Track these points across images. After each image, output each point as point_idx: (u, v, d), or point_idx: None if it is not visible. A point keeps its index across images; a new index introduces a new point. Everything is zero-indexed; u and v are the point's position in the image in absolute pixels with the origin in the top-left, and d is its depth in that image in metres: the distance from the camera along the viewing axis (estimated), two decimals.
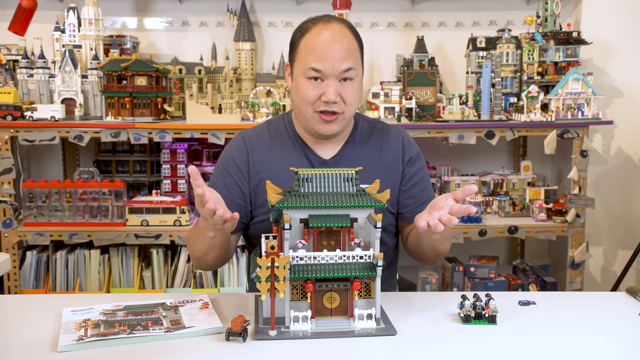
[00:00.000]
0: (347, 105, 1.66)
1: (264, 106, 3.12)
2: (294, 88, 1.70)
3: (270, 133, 1.81)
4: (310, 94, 1.65)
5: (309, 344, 1.32)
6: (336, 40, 1.64)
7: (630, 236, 3.53)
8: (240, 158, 1.77)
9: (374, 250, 1.38)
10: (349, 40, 1.67)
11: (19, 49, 3.26)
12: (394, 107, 3.13)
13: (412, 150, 1.84)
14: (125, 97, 3.04)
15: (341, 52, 1.63)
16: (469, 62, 3.40)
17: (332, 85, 1.63)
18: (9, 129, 2.96)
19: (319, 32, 1.65)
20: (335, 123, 1.67)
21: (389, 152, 1.80)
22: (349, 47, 1.65)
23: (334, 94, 1.63)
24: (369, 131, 1.83)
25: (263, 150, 1.77)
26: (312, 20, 1.71)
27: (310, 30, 1.68)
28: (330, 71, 1.63)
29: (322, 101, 1.64)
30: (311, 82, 1.65)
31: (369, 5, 3.49)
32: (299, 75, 1.67)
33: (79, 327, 1.38)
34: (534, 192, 3.26)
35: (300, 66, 1.67)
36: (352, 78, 1.66)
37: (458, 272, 3.22)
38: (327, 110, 1.65)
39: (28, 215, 3.06)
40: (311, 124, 1.69)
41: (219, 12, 3.49)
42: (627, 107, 3.50)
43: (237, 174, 1.76)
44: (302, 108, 1.68)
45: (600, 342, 1.36)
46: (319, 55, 1.63)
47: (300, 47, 1.68)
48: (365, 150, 1.79)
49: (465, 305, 1.45)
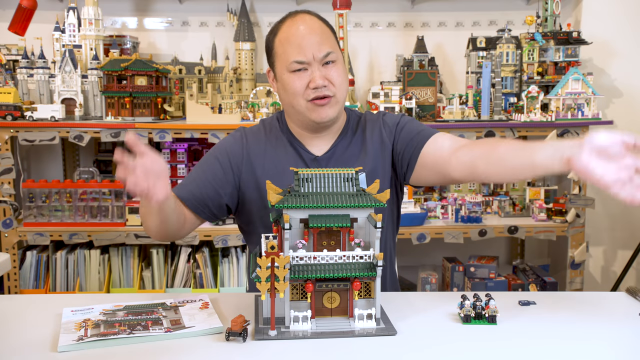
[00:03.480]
0: (336, 87, 1.68)
1: (264, 106, 3.12)
2: (281, 87, 1.72)
3: (266, 131, 1.82)
4: (297, 85, 1.66)
5: (309, 344, 1.32)
6: (309, 29, 1.67)
7: (630, 236, 3.53)
8: (233, 151, 1.77)
9: (374, 250, 1.38)
10: (321, 26, 1.70)
11: (19, 49, 3.26)
12: (394, 107, 3.13)
13: (392, 120, 1.81)
14: (125, 97, 3.04)
15: (317, 38, 1.66)
16: (469, 62, 3.40)
17: (317, 70, 1.65)
18: (9, 129, 2.96)
19: (290, 26, 1.69)
20: (329, 106, 1.68)
21: (374, 137, 1.79)
22: (322, 32, 1.69)
23: (321, 78, 1.65)
24: (356, 124, 1.83)
25: (259, 148, 1.77)
26: (280, 20, 1.74)
27: (281, 28, 1.71)
28: (312, 59, 1.65)
29: (311, 89, 1.65)
30: (296, 74, 1.67)
31: (369, 5, 3.49)
32: (282, 72, 1.69)
33: (79, 327, 1.38)
34: (534, 192, 3.26)
35: (281, 64, 1.69)
36: (333, 61, 1.68)
37: (458, 272, 3.22)
38: (318, 95, 1.66)
39: (28, 215, 3.06)
40: (307, 116, 1.69)
41: (219, 12, 3.49)
42: (627, 107, 3.50)
43: (226, 164, 1.75)
44: (294, 102, 1.69)
45: (600, 342, 1.36)
46: (296, 47, 1.65)
47: (276, 47, 1.71)
48: (353, 143, 1.79)
49: (465, 305, 1.45)
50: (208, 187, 1.73)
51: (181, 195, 1.72)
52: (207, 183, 1.73)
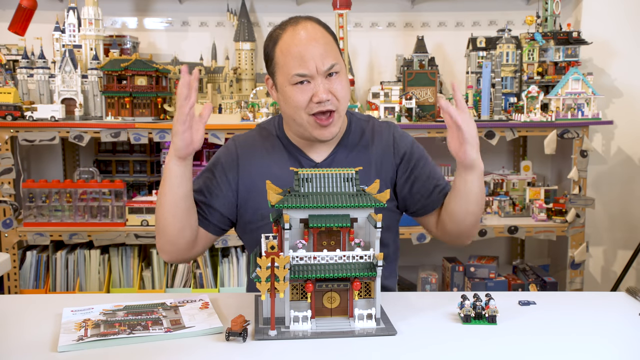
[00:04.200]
0: (339, 100, 1.63)
1: (264, 106, 3.12)
2: (282, 99, 1.66)
3: (262, 137, 1.78)
4: (300, 99, 1.61)
5: (309, 344, 1.32)
6: (312, 39, 1.60)
7: (630, 236, 3.53)
8: (228, 163, 1.74)
9: (374, 250, 1.38)
10: (324, 35, 1.63)
11: (19, 49, 3.26)
12: (394, 107, 3.13)
13: (404, 144, 1.78)
14: (125, 97, 3.04)
15: (320, 50, 1.59)
16: (469, 62, 3.40)
17: (321, 84, 1.60)
18: (9, 129, 2.96)
19: (292, 36, 1.62)
20: (332, 126, 1.64)
21: (380, 152, 1.76)
22: (325, 42, 1.62)
23: (325, 92, 1.59)
24: (361, 132, 1.79)
25: (254, 156, 1.74)
26: (279, 27, 1.67)
27: (282, 37, 1.64)
28: (315, 72, 1.59)
29: (314, 103, 1.60)
30: (298, 87, 1.61)
31: (369, 5, 3.49)
32: (284, 84, 1.63)
33: (79, 327, 1.38)
34: (534, 192, 3.26)
35: (282, 76, 1.63)
36: (337, 72, 1.63)
37: (458, 272, 3.22)
38: (321, 110, 1.61)
39: (28, 215, 3.06)
40: (308, 131, 1.65)
41: (219, 12, 3.49)
42: (627, 107, 3.50)
43: (222, 178, 1.73)
44: (295, 116, 1.64)
45: (600, 342, 1.36)
46: (299, 59, 1.59)
47: (277, 57, 1.64)
48: (356, 151, 1.76)
49: (465, 305, 1.45)
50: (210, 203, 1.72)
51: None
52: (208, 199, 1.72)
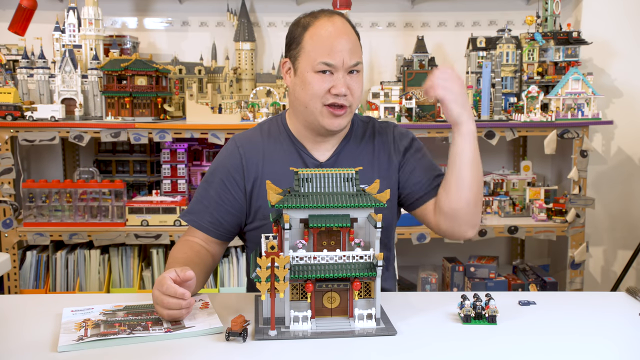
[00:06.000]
0: (354, 98, 1.67)
1: (264, 106, 3.12)
2: (299, 83, 1.68)
3: (263, 136, 1.79)
4: (320, 87, 1.64)
5: (309, 344, 1.32)
6: (343, 34, 1.65)
7: (630, 236, 3.53)
8: (233, 166, 1.74)
9: (374, 250, 1.38)
10: (353, 34, 1.69)
11: (19, 49, 3.26)
12: (394, 107, 3.13)
13: (403, 141, 1.81)
14: (125, 97, 3.04)
15: (349, 45, 1.64)
16: (469, 62, 3.40)
17: (342, 78, 1.64)
18: (9, 129, 2.96)
19: (324, 26, 1.65)
20: (343, 117, 1.67)
21: (382, 151, 1.79)
22: (354, 40, 1.68)
23: (344, 86, 1.63)
24: (362, 132, 1.81)
25: (257, 155, 1.75)
26: (312, 15, 1.70)
27: (314, 24, 1.67)
28: (341, 65, 1.63)
29: (331, 94, 1.64)
30: (320, 75, 1.64)
31: (369, 5, 3.49)
32: (306, 70, 1.65)
33: (79, 327, 1.38)
34: (534, 192, 3.26)
35: (307, 61, 1.65)
36: (358, 71, 1.68)
37: (458, 272, 3.22)
38: (336, 103, 1.64)
39: (28, 215, 3.06)
40: (319, 119, 1.67)
41: (219, 12, 3.49)
42: (627, 107, 3.50)
43: (231, 182, 1.73)
44: (310, 103, 1.66)
45: (600, 342, 1.36)
46: (328, 49, 1.63)
47: (304, 42, 1.66)
48: (359, 151, 1.78)
49: (465, 305, 1.45)
50: (223, 211, 1.72)
51: (202, 228, 1.72)
52: (221, 207, 1.72)
